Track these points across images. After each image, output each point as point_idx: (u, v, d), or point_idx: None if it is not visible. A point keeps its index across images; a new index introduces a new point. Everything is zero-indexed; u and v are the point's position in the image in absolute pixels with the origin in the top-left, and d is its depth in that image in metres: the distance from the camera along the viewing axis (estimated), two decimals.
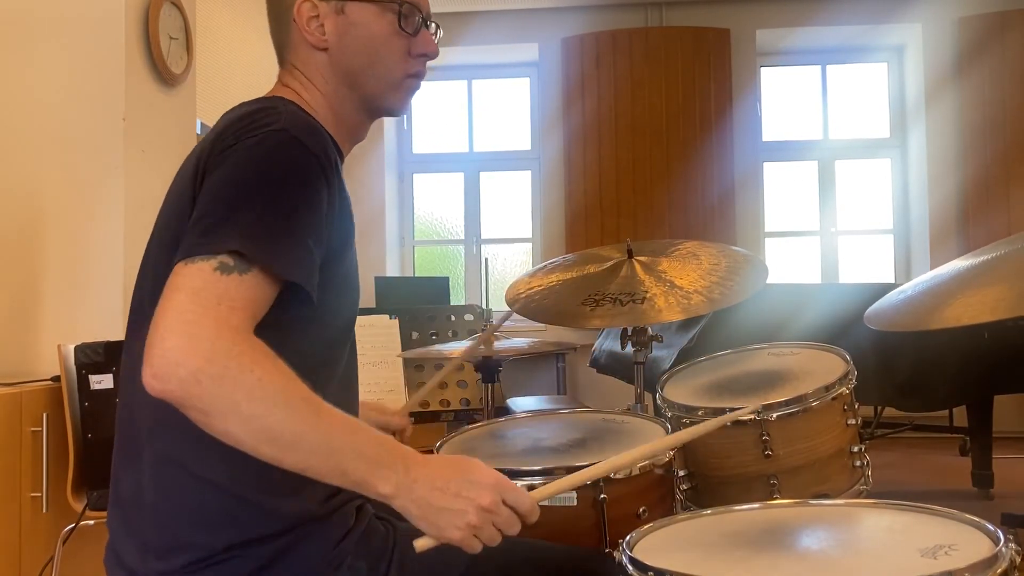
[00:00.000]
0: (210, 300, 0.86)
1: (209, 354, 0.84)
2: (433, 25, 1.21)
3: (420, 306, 3.91)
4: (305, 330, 1.02)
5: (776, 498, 1.49)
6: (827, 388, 1.54)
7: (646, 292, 1.83)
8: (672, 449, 1.34)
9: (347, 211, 1.07)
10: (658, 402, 1.70)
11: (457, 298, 5.90)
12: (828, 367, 1.63)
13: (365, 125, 1.21)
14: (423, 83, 1.23)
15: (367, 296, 4.79)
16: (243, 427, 0.86)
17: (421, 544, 0.95)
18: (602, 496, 1.26)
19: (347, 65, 1.14)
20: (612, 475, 1.27)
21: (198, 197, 0.97)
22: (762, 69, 5.86)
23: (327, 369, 1.08)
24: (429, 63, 1.20)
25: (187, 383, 0.83)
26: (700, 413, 1.58)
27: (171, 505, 1.00)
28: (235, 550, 0.99)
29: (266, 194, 0.94)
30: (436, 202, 6.15)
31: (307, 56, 1.15)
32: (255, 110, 1.04)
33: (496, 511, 0.93)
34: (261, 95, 1.16)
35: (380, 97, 1.17)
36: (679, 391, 1.70)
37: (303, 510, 1.02)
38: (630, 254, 1.98)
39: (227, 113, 1.09)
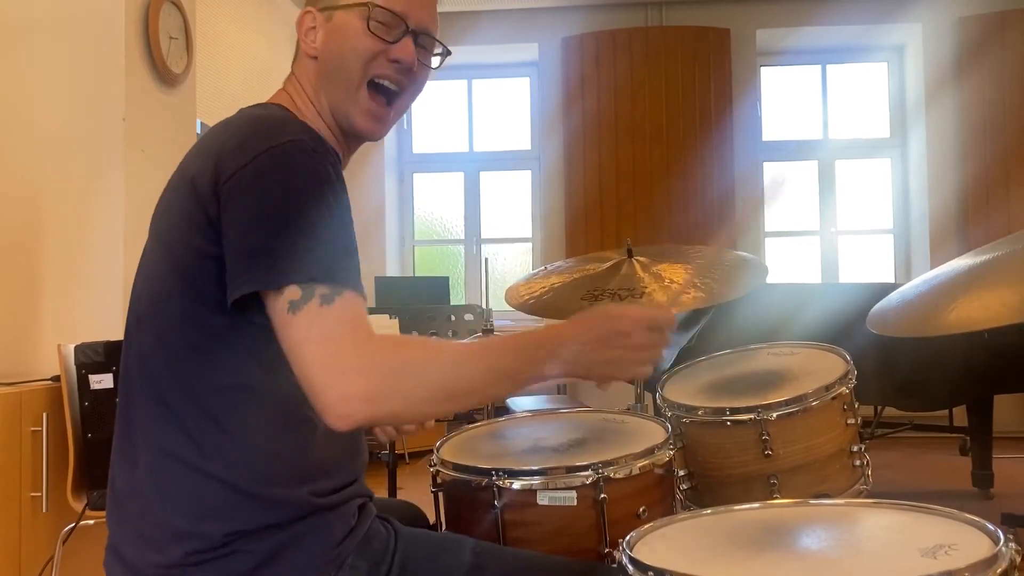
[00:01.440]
0: (334, 333, 0.92)
1: (367, 373, 0.91)
2: (439, 46, 1.20)
3: (420, 306, 3.91)
4: None
5: (776, 498, 1.49)
6: (827, 388, 1.54)
7: (645, 288, 1.83)
8: None
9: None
10: (658, 402, 1.70)
11: (457, 298, 5.90)
12: (828, 367, 1.63)
13: (346, 145, 1.20)
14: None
15: (367, 296, 4.78)
16: (427, 405, 0.95)
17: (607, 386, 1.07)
18: (602, 496, 1.25)
19: (325, 70, 1.14)
20: (612, 475, 1.27)
21: (227, 218, 0.96)
22: (762, 69, 5.86)
23: None
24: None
25: (370, 411, 0.91)
26: (700, 413, 1.58)
27: (168, 497, 1.00)
28: (235, 543, 0.99)
29: (315, 209, 0.96)
30: (436, 202, 6.15)
31: (303, 64, 1.17)
32: (257, 117, 1.05)
33: (649, 341, 1.04)
34: (261, 96, 1.17)
35: (341, 106, 1.14)
36: (679, 391, 1.70)
37: (304, 502, 1.03)
38: (630, 254, 1.98)
39: (221, 125, 1.08)
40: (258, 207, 0.95)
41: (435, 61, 1.21)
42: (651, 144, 5.57)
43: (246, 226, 0.95)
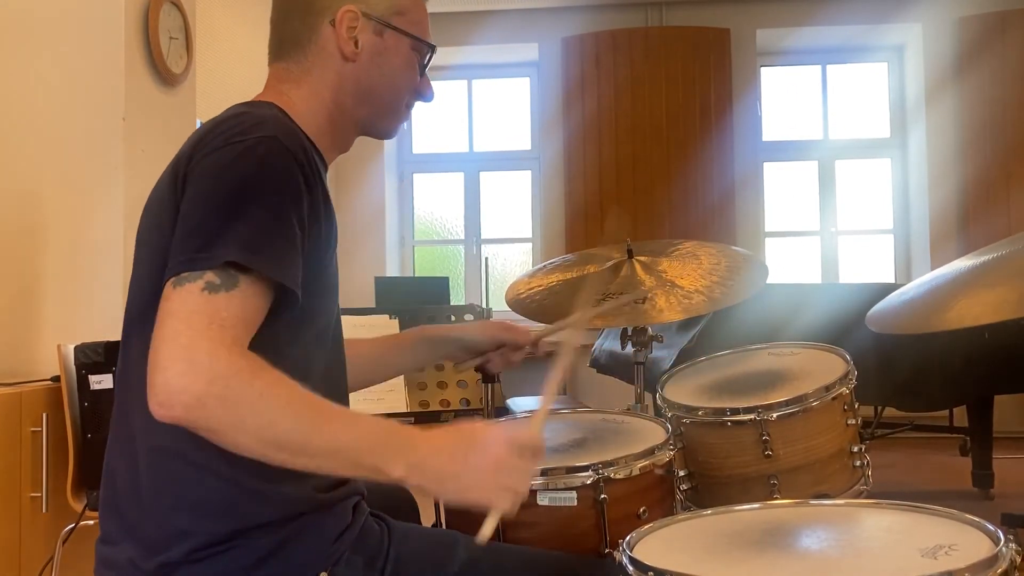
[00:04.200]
0: (202, 322, 0.88)
1: (209, 376, 0.86)
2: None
3: (420, 306, 3.90)
4: (288, 334, 1.03)
5: (776, 498, 1.49)
6: (827, 388, 1.54)
7: (647, 292, 1.82)
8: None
9: (331, 217, 1.09)
10: (658, 402, 1.70)
11: (457, 298, 5.90)
12: (828, 367, 1.63)
13: (353, 139, 1.25)
14: None
15: (367, 296, 4.78)
16: (251, 439, 0.89)
17: (484, 534, 0.94)
18: (602, 496, 1.25)
19: (367, 83, 1.17)
20: (612, 475, 1.27)
21: (181, 206, 0.98)
22: (762, 69, 5.85)
23: (307, 369, 1.08)
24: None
25: (192, 408, 0.86)
26: (700, 413, 1.58)
27: (171, 496, 1.00)
28: (237, 539, 0.99)
29: (254, 201, 0.95)
30: (436, 202, 6.15)
31: (328, 61, 1.16)
32: (236, 115, 1.06)
33: (510, 460, 0.94)
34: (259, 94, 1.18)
35: (379, 118, 1.22)
36: (679, 391, 1.70)
37: (305, 497, 1.03)
38: (630, 254, 1.98)
39: (211, 119, 1.10)
40: (203, 200, 0.96)
41: None
42: (651, 144, 5.57)
43: (188, 217, 0.96)
